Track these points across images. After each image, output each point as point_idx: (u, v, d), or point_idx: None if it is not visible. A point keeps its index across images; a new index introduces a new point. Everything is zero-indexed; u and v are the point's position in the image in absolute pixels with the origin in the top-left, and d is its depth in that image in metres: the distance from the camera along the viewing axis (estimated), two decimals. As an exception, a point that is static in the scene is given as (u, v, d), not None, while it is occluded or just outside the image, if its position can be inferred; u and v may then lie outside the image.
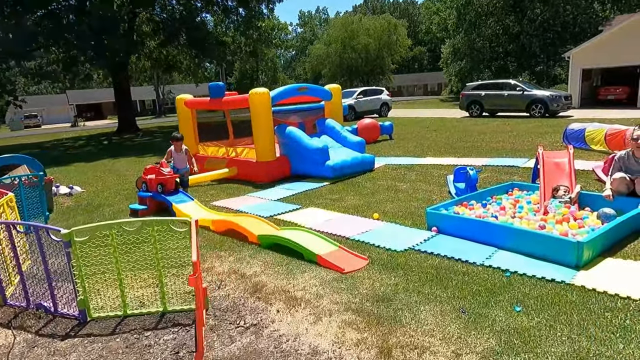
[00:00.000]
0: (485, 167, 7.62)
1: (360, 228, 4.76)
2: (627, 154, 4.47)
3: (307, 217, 5.35)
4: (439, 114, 21.79)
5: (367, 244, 4.28)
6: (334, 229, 4.80)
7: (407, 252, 4.00)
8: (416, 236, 4.37)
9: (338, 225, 4.94)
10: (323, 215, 5.43)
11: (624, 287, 3.01)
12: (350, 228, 4.78)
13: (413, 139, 12.15)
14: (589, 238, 3.39)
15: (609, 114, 16.35)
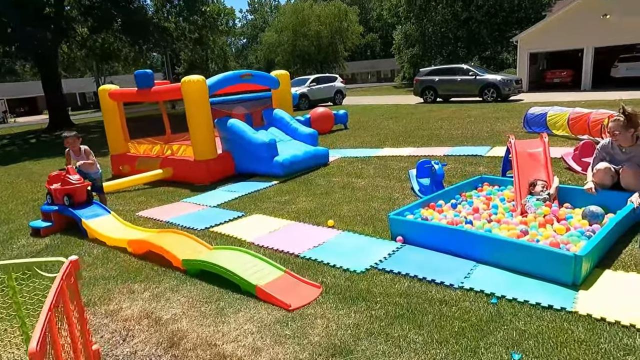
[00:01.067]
0: (447, 157, 7.05)
1: (313, 240, 3.97)
2: (610, 143, 3.95)
3: (249, 228, 4.48)
4: (393, 100, 21.38)
5: (321, 263, 3.49)
6: (280, 243, 3.97)
7: (369, 272, 3.25)
8: (379, 249, 3.63)
9: (286, 237, 4.12)
10: (269, 224, 4.58)
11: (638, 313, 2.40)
12: (301, 241, 3.98)
13: (369, 128, 11.49)
14: (587, 249, 2.78)
15: (557, 97, 16.53)
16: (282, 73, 8.29)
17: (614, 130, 3.78)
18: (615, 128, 3.77)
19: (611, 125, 3.79)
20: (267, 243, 4.00)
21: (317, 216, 4.76)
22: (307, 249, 3.76)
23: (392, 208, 4.76)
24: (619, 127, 3.75)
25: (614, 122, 3.78)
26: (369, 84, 55.47)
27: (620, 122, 3.74)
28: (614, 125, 3.77)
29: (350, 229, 4.23)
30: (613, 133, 3.78)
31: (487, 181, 4.87)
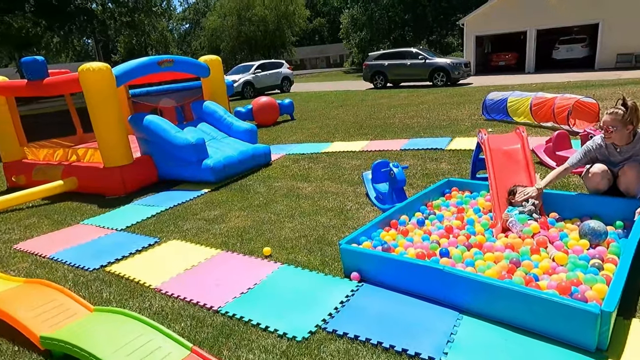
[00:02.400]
0: (405, 152, 6.23)
1: (241, 282, 2.97)
2: (603, 142, 3.23)
3: (159, 264, 3.40)
4: (343, 86, 20.54)
5: (248, 324, 2.50)
6: (197, 289, 2.93)
7: (314, 339, 2.30)
8: (328, 294, 2.70)
9: (206, 278, 3.08)
10: (187, 256, 3.52)
11: None
12: (225, 284, 2.96)
13: (317, 118, 10.52)
14: (615, 300, 1.98)
15: (503, 80, 16.42)
16: (213, 58, 7.09)
17: (609, 125, 3.04)
18: (612, 123, 3.03)
19: (608, 119, 3.05)
20: (178, 290, 2.95)
21: (251, 240, 3.75)
22: (231, 298, 2.76)
23: (344, 225, 3.85)
24: (617, 122, 3.01)
25: (611, 116, 3.04)
26: (319, 70, 54.44)
27: (620, 115, 3.01)
28: (612, 120, 3.03)
29: (292, 260, 3.27)
30: (607, 129, 3.05)
31: (455, 185, 4.07)
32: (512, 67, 23.19)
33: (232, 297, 2.77)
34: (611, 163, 3.22)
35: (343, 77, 30.60)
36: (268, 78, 20.22)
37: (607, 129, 3.07)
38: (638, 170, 3.03)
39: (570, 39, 21.51)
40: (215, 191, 5.35)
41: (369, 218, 3.94)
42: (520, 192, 3.27)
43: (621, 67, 18.42)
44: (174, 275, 3.18)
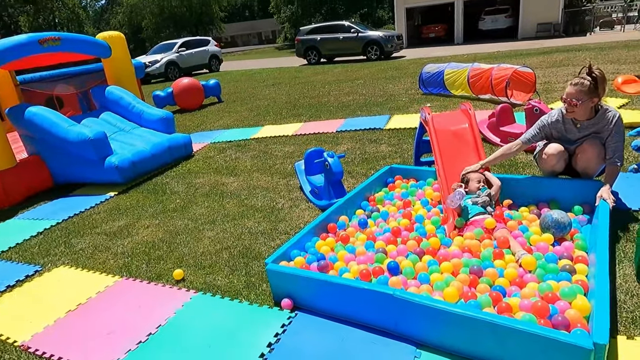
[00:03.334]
0: (342, 133, 5.70)
1: (141, 324, 2.29)
2: (561, 115, 2.86)
3: (31, 309, 2.61)
4: (276, 63, 19.60)
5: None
6: (78, 343, 2.21)
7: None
8: (253, 333, 2.10)
9: (93, 325, 2.36)
10: (74, 290, 2.74)
11: None
12: (120, 331, 2.27)
13: (247, 99, 9.69)
14: (604, 325, 1.57)
15: (434, 52, 16.42)
16: (114, 35, 6.02)
17: (574, 98, 2.64)
18: (576, 95, 2.63)
19: (572, 91, 2.64)
20: (53, 345, 2.21)
21: (160, 259, 3.04)
22: (124, 353, 2.08)
23: (274, 229, 3.25)
24: (582, 95, 2.62)
25: (576, 88, 2.63)
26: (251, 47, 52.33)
27: (586, 87, 2.62)
28: (577, 92, 2.63)
29: (209, 285, 2.63)
30: (571, 102, 2.65)
31: (399, 173, 3.59)
32: (442, 39, 23.43)
33: (125, 351, 2.09)
34: (567, 140, 2.87)
35: (276, 54, 29.45)
36: (194, 57, 18.72)
37: (571, 102, 2.66)
38: (599, 149, 2.70)
39: (495, 10, 22.02)
40: (123, 194, 4.51)
41: (304, 219, 3.37)
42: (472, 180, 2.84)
43: (541, 36, 19.13)
44: (51, 322, 2.42)
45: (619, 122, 2.65)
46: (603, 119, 2.67)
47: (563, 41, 15.16)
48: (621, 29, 19.19)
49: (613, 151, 2.64)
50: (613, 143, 2.64)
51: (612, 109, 2.71)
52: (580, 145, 2.77)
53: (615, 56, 9.05)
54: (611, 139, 2.64)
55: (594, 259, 2.03)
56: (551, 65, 8.83)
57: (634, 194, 2.95)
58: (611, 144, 2.65)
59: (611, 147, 2.65)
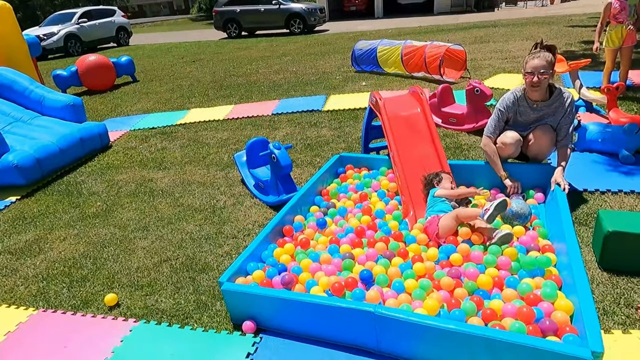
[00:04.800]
0: (279, 117, 5.37)
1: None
2: (515, 97, 2.81)
3: None
4: (193, 36, 18.25)
5: None
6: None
7: None
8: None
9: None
10: (-25, 331, 2.21)
11: None
12: (41, 383, 1.84)
13: (167, 78, 8.85)
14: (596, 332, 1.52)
15: (358, 26, 16.41)
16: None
17: (542, 69, 2.52)
18: (545, 67, 2.52)
19: (541, 62, 2.52)
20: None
21: (85, 280, 2.57)
22: (53, 415, 1.68)
23: (220, 232, 2.92)
24: (549, 67, 2.53)
25: (541, 60, 2.53)
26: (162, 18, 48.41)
27: (550, 59, 2.53)
28: (543, 65, 2.52)
29: (151, 309, 2.25)
30: (537, 76, 2.54)
31: (349, 162, 3.39)
32: (363, 13, 23.46)
33: (53, 413, 1.69)
34: (519, 124, 2.84)
35: (191, 26, 27.50)
36: (98, 29, 16.74)
37: (540, 75, 2.55)
38: (551, 135, 2.70)
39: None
40: (28, 198, 3.83)
41: (251, 219, 3.06)
42: (445, 179, 2.66)
43: (455, 10, 19.89)
44: (-56, 382, 1.91)
45: (573, 103, 2.66)
46: (558, 99, 2.65)
47: (476, 16, 15.86)
48: (524, 6, 20.58)
49: (566, 132, 2.66)
50: (567, 124, 2.65)
51: (565, 89, 2.71)
52: (533, 131, 2.76)
53: (529, 33, 9.60)
54: (565, 120, 2.65)
55: (564, 250, 2.01)
56: (473, 41, 9.13)
57: (581, 175, 3.04)
58: (565, 125, 2.65)
59: (564, 129, 2.66)
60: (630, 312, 1.90)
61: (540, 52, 2.56)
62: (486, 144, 2.84)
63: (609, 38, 4.45)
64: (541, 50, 2.58)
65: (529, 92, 2.70)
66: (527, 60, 2.61)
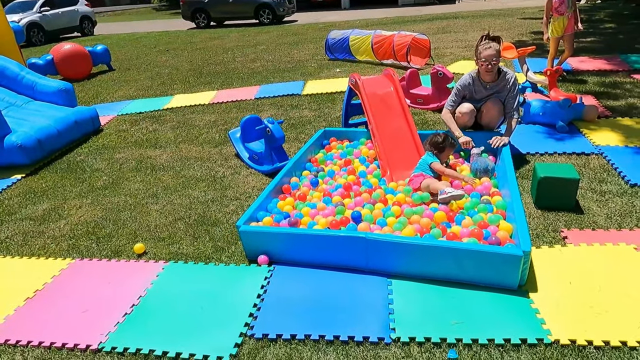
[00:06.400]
0: (261, 101, 5.79)
1: (119, 298, 2.29)
2: (472, 78, 3.39)
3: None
4: (160, 26, 18.13)
5: (138, 355, 1.94)
6: (54, 326, 2.15)
7: (243, 352, 1.90)
8: (238, 289, 2.28)
9: (63, 307, 2.29)
10: (21, 278, 2.57)
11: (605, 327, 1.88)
12: (97, 308, 2.25)
13: (144, 67, 9.03)
14: (526, 237, 2.10)
15: (326, 17, 16.85)
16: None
17: (494, 57, 3.15)
18: (496, 56, 3.15)
19: (492, 52, 3.14)
20: (24, 333, 2.11)
21: (110, 236, 2.96)
22: (113, 327, 2.10)
23: (224, 196, 3.36)
24: (498, 55, 3.17)
25: (492, 51, 3.14)
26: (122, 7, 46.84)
27: (498, 49, 3.16)
28: (494, 54, 3.14)
29: (176, 254, 2.68)
30: (490, 63, 3.16)
31: (332, 135, 3.90)
32: (330, 4, 23.84)
33: (113, 325, 2.11)
34: (474, 99, 3.43)
35: (155, 15, 27.07)
36: (61, 18, 16.37)
37: (490, 64, 3.15)
38: (500, 107, 3.31)
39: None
40: (33, 176, 4.11)
41: (250, 185, 3.52)
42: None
43: (419, 2, 20.63)
44: (11, 311, 2.28)
45: (516, 82, 3.28)
46: (504, 79, 3.27)
47: (438, 8, 16.64)
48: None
49: (512, 106, 3.27)
50: (512, 99, 3.27)
51: (509, 71, 3.32)
52: (485, 104, 3.36)
53: (487, 24, 10.37)
54: (511, 95, 3.27)
55: (508, 193, 2.59)
56: (436, 32, 9.80)
57: (525, 142, 3.69)
58: (510, 100, 3.27)
59: (510, 103, 3.28)
60: (555, 235, 2.51)
61: (491, 43, 3.15)
62: (444, 114, 3.44)
63: (553, 28, 5.13)
64: (490, 41, 3.17)
65: (482, 75, 3.30)
66: (481, 51, 3.20)
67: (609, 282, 2.09)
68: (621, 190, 2.93)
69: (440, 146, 3.06)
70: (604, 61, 5.96)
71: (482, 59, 3.19)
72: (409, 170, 3.10)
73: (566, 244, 2.42)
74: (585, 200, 2.84)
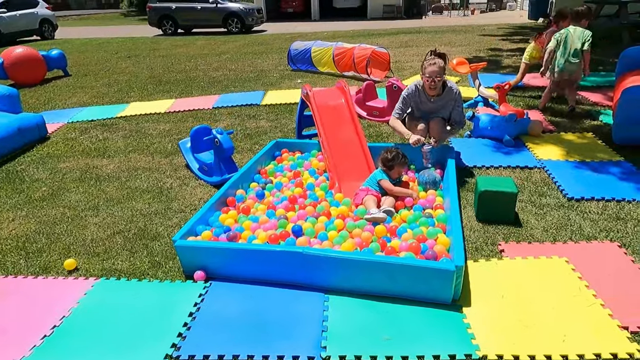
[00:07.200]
0: (219, 110, 5.70)
1: (40, 319, 2.15)
2: (417, 89, 3.43)
3: None
4: (126, 32, 17.75)
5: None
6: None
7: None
8: (171, 307, 2.18)
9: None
10: (-64, 297, 2.38)
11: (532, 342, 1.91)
12: (15, 329, 2.10)
13: (102, 73, 8.77)
14: (460, 252, 2.11)
15: (295, 27, 16.95)
16: None
17: (438, 74, 3.20)
18: (440, 72, 3.20)
19: (436, 69, 3.18)
20: None
21: (41, 251, 2.80)
22: (28, 350, 1.96)
23: (168, 208, 3.25)
24: (442, 71, 3.22)
25: (436, 67, 3.19)
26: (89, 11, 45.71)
27: (443, 66, 3.21)
28: (438, 71, 3.19)
29: (109, 270, 2.56)
30: (434, 80, 3.21)
31: (284, 147, 3.86)
32: (300, 14, 24.03)
33: (29, 349, 1.97)
34: (421, 110, 3.46)
35: (123, 21, 26.51)
36: (19, 20, 15.75)
37: (434, 80, 3.20)
38: (443, 122, 3.40)
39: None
40: (-34, 186, 3.85)
41: (197, 196, 3.42)
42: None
43: (387, 17, 21.09)
44: None
45: (460, 94, 3.36)
46: (450, 93, 3.33)
47: (404, 23, 17.05)
48: (449, 15, 22.32)
49: (457, 116, 3.38)
50: (457, 112, 3.35)
51: (453, 84, 3.38)
52: (432, 120, 3.42)
53: (448, 39, 10.67)
54: (457, 107, 3.36)
55: (448, 206, 2.61)
56: (399, 45, 10.00)
57: (473, 155, 3.76)
58: (457, 110, 3.36)
59: (456, 113, 3.38)
60: (493, 248, 2.55)
61: (435, 59, 3.21)
62: (392, 121, 3.50)
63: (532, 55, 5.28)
64: (435, 57, 3.23)
65: (427, 90, 3.34)
66: (426, 67, 3.25)
67: (539, 295, 2.13)
68: (559, 203, 3.01)
69: (389, 164, 2.99)
70: (553, 78, 6.20)
71: (427, 75, 3.24)
72: (357, 182, 3.10)
73: (502, 257, 2.45)
74: (525, 214, 2.91)
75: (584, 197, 3.04)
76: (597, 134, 4.14)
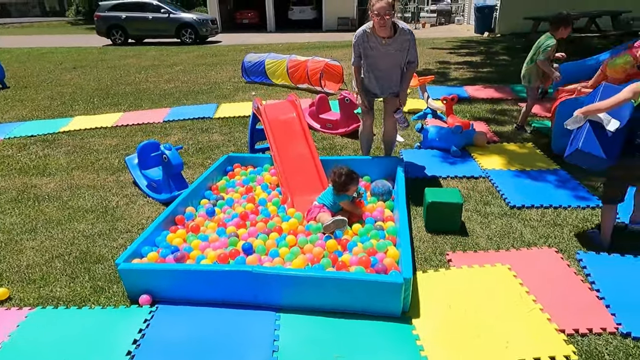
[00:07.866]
0: (170, 124, 5.55)
1: (-36, 357, 1.97)
2: (365, 34, 3.24)
3: None
4: (72, 41, 16.98)
5: None
6: None
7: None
8: (113, 336, 2.07)
9: None
10: None
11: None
12: None
13: (44, 85, 8.32)
14: (408, 265, 2.15)
15: (250, 39, 16.88)
16: None
17: (386, 10, 3.04)
18: (387, 9, 3.05)
19: (382, 6, 3.02)
20: None
21: (-31, 281, 2.58)
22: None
23: (113, 229, 3.10)
24: (390, 8, 3.06)
25: (384, 3, 3.04)
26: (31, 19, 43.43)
27: (390, 2, 3.06)
28: (386, 7, 3.04)
29: (46, 298, 2.40)
30: (383, 17, 3.06)
31: (237, 161, 3.80)
32: (255, 26, 24.00)
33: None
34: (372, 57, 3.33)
35: (69, 30, 25.36)
36: (-49, 28, 14.72)
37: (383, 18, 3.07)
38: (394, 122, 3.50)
39: (301, 1, 23.64)
40: None
41: (145, 215, 3.29)
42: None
43: (342, 29, 21.47)
44: None
45: (413, 35, 3.29)
46: (403, 33, 3.24)
47: (359, 35, 17.40)
48: (400, 28, 23.05)
49: (411, 57, 3.33)
50: (412, 52, 3.31)
51: (405, 26, 3.28)
52: (385, 121, 3.50)
53: (398, 52, 10.98)
54: (412, 48, 3.30)
55: (397, 217, 2.66)
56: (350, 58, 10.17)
57: (419, 166, 3.87)
58: (412, 51, 3.31)
59: (411, 53, 3.32)
60: (441, 259, 2.62)
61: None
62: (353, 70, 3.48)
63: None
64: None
65: (377, 31, 3.19)
66: (373, 3, 3.10)
67: (484, 304, 2.20)
68: (502, 211, 3.15)
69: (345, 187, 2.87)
70: (495, 90, 6.54)
71: (375, 12, 3.10)
72: (310, 196, 3.09)
73: (450, 267, 2.52)
74: (471, 223, 3.01)
75: (524, 205, 3.19)
76: (536, 144, 4.39)
